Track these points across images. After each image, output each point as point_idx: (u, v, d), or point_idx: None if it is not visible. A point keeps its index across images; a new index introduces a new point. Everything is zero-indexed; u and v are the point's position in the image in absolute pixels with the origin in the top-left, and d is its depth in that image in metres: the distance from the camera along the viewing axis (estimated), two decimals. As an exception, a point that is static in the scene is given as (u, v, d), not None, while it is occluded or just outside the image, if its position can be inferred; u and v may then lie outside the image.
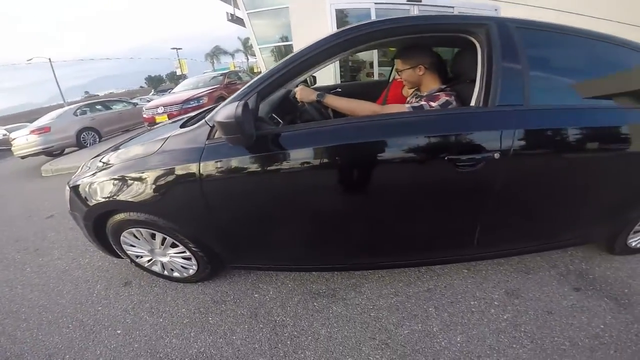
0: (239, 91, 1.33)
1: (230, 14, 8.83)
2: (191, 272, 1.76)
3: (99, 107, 8.83)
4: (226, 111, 1.09)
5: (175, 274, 1.82)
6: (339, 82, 5.57)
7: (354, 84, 3.99)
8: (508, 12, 5.48)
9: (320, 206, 1.37)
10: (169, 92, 9.96)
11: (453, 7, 5.36)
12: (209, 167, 1.30)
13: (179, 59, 26.31)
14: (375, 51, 5.34)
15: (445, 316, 1.49)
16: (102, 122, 8.38)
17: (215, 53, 42.58)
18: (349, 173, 1.29)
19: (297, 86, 1.85)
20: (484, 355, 1.29)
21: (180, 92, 7.93)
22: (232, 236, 1.52)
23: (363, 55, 6.13)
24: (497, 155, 1.18)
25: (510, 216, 1.44)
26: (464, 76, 1.38)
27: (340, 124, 1.31)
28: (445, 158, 1.19)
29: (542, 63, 1.39)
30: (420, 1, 5.37)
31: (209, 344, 1.48)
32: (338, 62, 5.54)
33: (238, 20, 8.83)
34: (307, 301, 1.66)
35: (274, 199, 1.36)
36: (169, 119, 3.77)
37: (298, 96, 1.58)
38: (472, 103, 1.28)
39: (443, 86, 1.50)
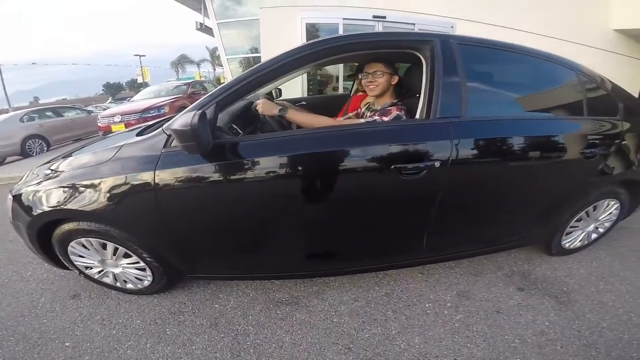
0: (198, 100, 1.33)
1: (200, 23, 8.70)
2: (146, 283, 1.69)
3: (49, 113, 8.23)
4: (183, 119, 1.10)
5: (129, 286, 1.73)
6: (305, 94, 5.68)
7: (319, 97, 4.09)
8: (461, 27, 5.96)
9: (276, 215, 1.39)
10: (128, 100, 9.51)
11: (414, 24, 5.71)
12: (164, 176, 1.27)
13: (141, 66, 25.29)
14: (341, 66, 5.52)
15: (403, 319, 1.55)
16: (51, 129, 7.80)
17: (181, 62, 41.43)
18: (304, 182, 1.33)
19: (260, 98, 1.87)
20: (441, 355, 1.36)
21: (140, 101, 7.59)
22: (189, 246, 1.49)
23: (331, 69, 6.32)
24: (437, 164, 1.28)
25: (454, 221, 1.55)
26: (414, 90, 1.48)
27: (296, 134, 1.36)
28: (392, 167, 1.27)
29: (479, 77, 1.53)
30: (385, 18, 5.70)
31: (167, 354, 1.42)
32: (305, 75, 5.67)
33: (207, 30, 8.70)
34: (270, 309, 1.65)
35: (230, 208, 1.36)
36: (126, 128, 3.60)
37: (260, 109, 1.59)
38: (417, 116, 1.38)
39: (395, 100, 1.60)
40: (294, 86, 5.40)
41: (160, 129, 1.36)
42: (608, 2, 7.14)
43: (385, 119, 1.44)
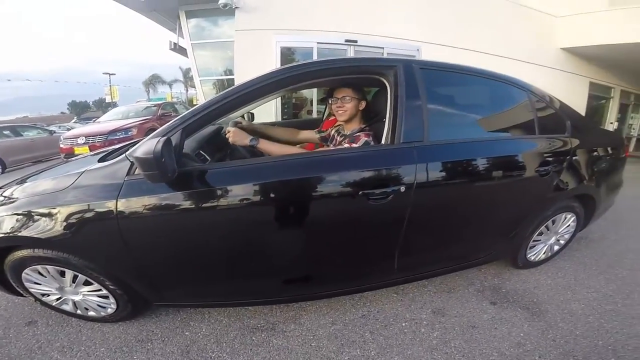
0: (164, 126, 1.30)
1: (174, 42, 8.58)
2: (110, 311, 1.58)
3: (6, 132, 7.69)
4: (146, 147, 1.06)
5: (91, 313, 1.61)
6: (279, 118, 5.71)
7: (292, 121, 4.11)
8: (426, 50, 6.31)
9: (247, 242, 1.36)
10: (94, 121, 9.11)
11: (383, 47, 6.00)
12: (127, 205, 1.22)
13: (110, 85, 24.62)
14: (315, 89, 5.62)
15: (381, 340, 1.53)
16: (8, 150, 7.25)
17: (153, 81, 40.67)
18: (275, 209, 1.32)
19: (231, 123, 1.85)
20: (423, 373, 1.34)
21: (107, 122, 7.24)
22: (155, 275, 1.42)
23: (306, 92, 6.43)
24: (402, 189, 1.31)
25: (423, 241, 1.58)
26: (381, 115, 1.50)
27: (266, 162, 1.36)
28: (360, 193, 1.28)
29: (440, 100, 1.60)
30: (356, 42, 5.94)
31: (134, 383, 1.30)
32: (280, 98, 5.73)
33: (181, 50, 8.58)
34: (245, 336, 1.58)
35: (198, 237, 1.32)
36: (91, 151, 3.42)
37: (231, 139, 1.56)
38: (383, 141, 1.41)
39: (363, 126, 1.63)
40: (268, 109, 5.43)
41: (124, 155, 1.31)
42: (555, 23, 7.86)
43: (355, 145, 1.47)
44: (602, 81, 9.09)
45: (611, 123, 9.65)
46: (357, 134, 1.53)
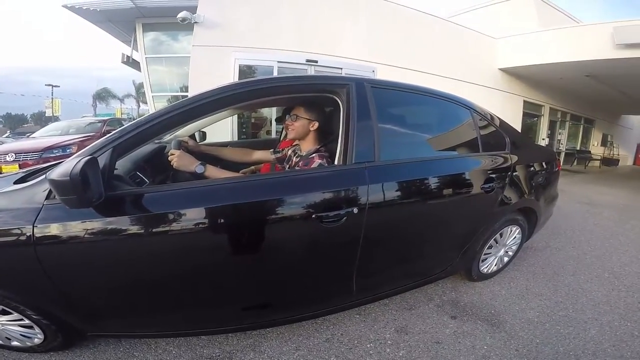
0: (92, 144, 1.16)
1: (127, 55, 8.11)
2: (37, 341, 1.36)
3: None
4: (63, 168, 0.93)
5: (15, 343, 1.39)
6: (236, 137, 5.56)
7: (249, 142, 3.98)
8: (381, 70, 6.61)
9: (191, 269, 1.24)
10: (27, 136, 8.20)
11: (342, 68, 6.16)
12: (47, 231, 1.07)
13: (52, 98, 22.58)
14: (275, 108, 5.58)
15: (347, 363, 1.46)
16: None
17: (103, 95, 37.93)
18: (222, 234, 1.23)
19: (177, 144, 1.70)
20: (392, 396, 1.28)
21: (43, 138, 6.47)
22: (85, 305, 1.25)
23: (265, 112, 6.36)
24: (355, 210, 1.28)
25: (379, 262, 1.56)
26: (335, 134, 1.47)
27: (212, 184, 1.27)
28: (313, 215, 1.23)
29: (390, 120, 1.62)
30: (317, 62, 6.06)
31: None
32: (237, 117, 5.62)
33: (134, 64, 8.13)
34: None
35: (133, 265, 1.18)
36: (21, 169, 3.02)
37: (175, 164, 1.44)
38: (336, 162, 1.39)
39: (319, 146, 1.59)
40: (224, 128, 5.26)
41: (44, 176, 1.14)
42: (495, 45, 8.70)
43: (307, 168, 1.43)
44: (534, 100, 10.16)
45: (543, 139, 10.72)
46: (312, 155, 1.50)
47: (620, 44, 6.39)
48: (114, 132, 1.18)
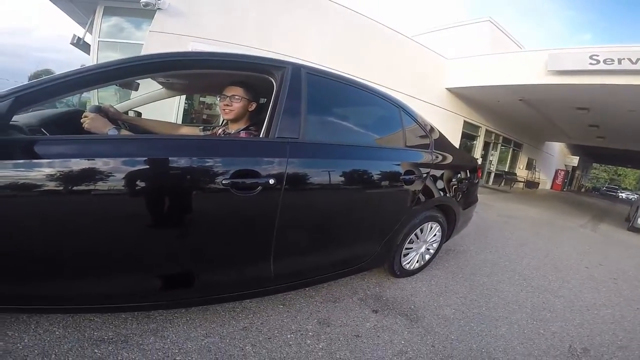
0: None
1: (78, 37, 7.33)
2: None
3: None
4: None
5: None
6: (180, 122, 5.33)
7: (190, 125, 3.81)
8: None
9: (81, 232, 1.12)
10: None
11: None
12: None
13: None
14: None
15: (263, 353, 1.41)
16: None
17: (42, 77, 33.33)
18: (125, 193, 1.12)
19: (95, 108, 1.57)
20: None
21: None
22: None
23: (213, 98, 6.16)
24: (272, 181, 1.28)
25: (297, 245, 1.56)
26: (265, 113, 1.48)
27: (114, 138, 1.22)
28: (226, 181, 1.21)
29: (322, 105, 1.68)
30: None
31: None
32: (182, 103, 5.40)
33: (84, 46, 7.42)
34: (84, 348, 1.26)
35: (11, 219, 1.04)
36: None
37: (86, 125, 1.33)
38: (261, 135, 1.41)
39: (248, 125, 1.61)
40: (167, 112, 5.01)
41: None
42: (446, 65, 9.40)
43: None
44: (473, 120, 11.19)
45: (477, 159, 11.78)
46: (240, 132, 1.51)
47: (552, 70, 7.17)
48: (24, 83, 1.09)
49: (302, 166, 1.40)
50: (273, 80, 1.46)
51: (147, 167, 1.14)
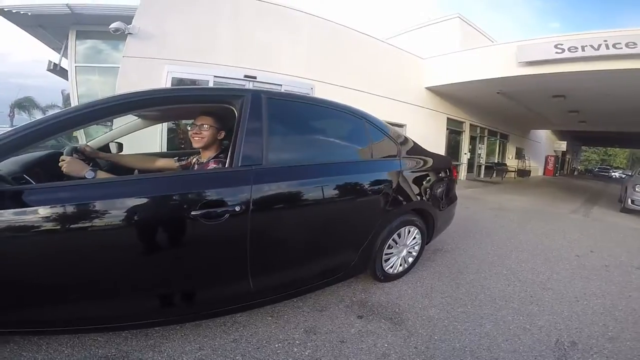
0: None
1: (54, 63, 7.39)
2: None
3: None
4: None
5: None
6: (165, 149, 5.39)
7: (172, 153, 3.87)
8: (319, 87, 6.92)
9: (76, 265, 1.26)
10: None
11: (281, 84, 6.28)
12: None
13: (-50, 108, 19.36)
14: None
15: (252, 362, 1.49)
16: None
17: (24, 105, 33.25)
18: (109, 231, 1.25)
19: (71, 150, 1.68)
20: (293, 394, 1.32)
21: None
22: None
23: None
24: (237, 208, 1.38)
25: (272, 261, 1.65)
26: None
27: (93, 182, 1.31)
28: (194, 213, 1.31)
29: (285, 128, 1.76)
30: (256, 78, 6.12)
31: None
32: (165, 130, 5.44)
33: (61, 72, 7.46)
34: None
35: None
36: None
37: (64, 169, 1.42)
38: (227, 165, 1.50)
39: (217, 153, 1.69)
40: (152, 140, 5.07)
41: None
42: (423, 65, 9.54)
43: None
44: (456, 117, 11.31)
45: (465, 153, 11.85)
46: (209, 161, 1.60)
47: (522, 61, 7.33)
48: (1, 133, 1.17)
49: (266, 190, 1.49)
50: (234, 109, 1.54)
51: (125, 206, 1.25)
